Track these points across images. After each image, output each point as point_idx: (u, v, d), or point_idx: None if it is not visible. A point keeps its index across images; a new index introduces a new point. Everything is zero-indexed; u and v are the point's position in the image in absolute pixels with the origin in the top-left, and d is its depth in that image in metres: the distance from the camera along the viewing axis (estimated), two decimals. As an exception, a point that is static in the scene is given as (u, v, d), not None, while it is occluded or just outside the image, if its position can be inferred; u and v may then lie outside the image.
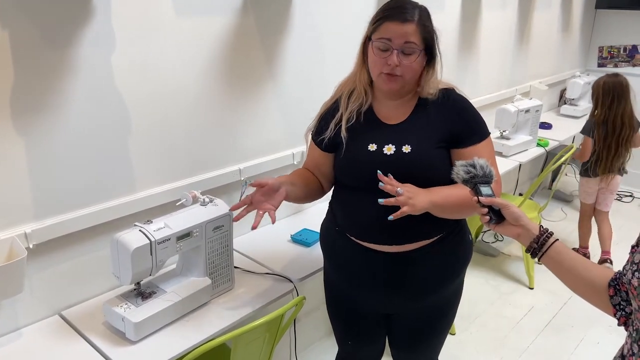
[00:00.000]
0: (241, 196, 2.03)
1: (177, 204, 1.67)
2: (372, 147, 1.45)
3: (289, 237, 2.05)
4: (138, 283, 1.57)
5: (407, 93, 1.47)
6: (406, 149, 1.42)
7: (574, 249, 3.56)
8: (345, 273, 1.59)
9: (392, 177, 1.33)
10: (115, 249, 1.47)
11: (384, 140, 1.45)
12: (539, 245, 1.12)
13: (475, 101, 3.35)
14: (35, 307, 1.58)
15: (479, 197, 1.18)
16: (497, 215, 1.17)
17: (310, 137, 1.62)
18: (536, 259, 1.14)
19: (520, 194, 3.98)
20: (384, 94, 1.48)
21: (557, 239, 1.12)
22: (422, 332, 1.64)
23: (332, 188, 1.63)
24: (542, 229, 1.14)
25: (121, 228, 1.54)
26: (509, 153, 3.17)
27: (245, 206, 1.47)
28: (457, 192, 1.35)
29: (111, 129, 1.62)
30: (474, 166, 1.21)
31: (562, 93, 4.42)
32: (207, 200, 1.67)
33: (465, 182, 1.22)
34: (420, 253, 1.47)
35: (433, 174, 1.40)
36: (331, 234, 1.60)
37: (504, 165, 3.02)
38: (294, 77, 2.13)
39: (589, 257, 3.48)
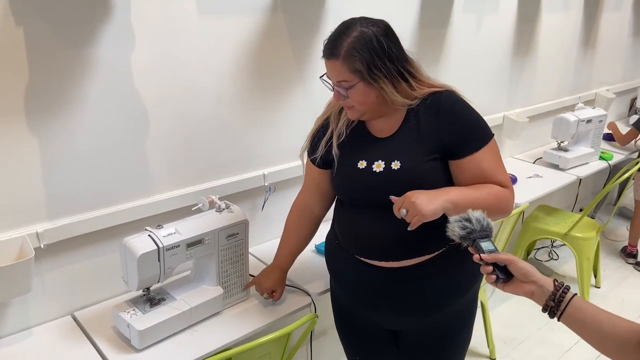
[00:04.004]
0: (264, 203, 1.98)
1: (193, 209, 1.62)
2: (362, 164, 1.38)
3: (312, 247, 1.96)
4: (148, 288, 1.52)
5: (383, 110, 1.36)
6: (395, 165, 1.33)
7: (624, 247, 3.44)
8: (348, 288, 1.52)
9: (393, 197, 1.27)
10: (123, 254, 1.43)
11: (373, 156, 1.37)
12: (556, 303, 0.98)
13: (531, 109, 3.14)
14: (48, 306, 1.57)
15: (481, 255, 1.06)
16: (504, 273, 1.05)
17: (305, 156, 1.57)
18: (555, 319, 1.00)
19: (581, 210, 3.69)
20: None
21: (575, 294, 0.99)
22: (432, 352, 1.53)
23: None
24: (556, 283, 1.01)
25: (136, 231, 1.50)
26: (567, 166, 2.93)
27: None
28: (479, 191, 1.27)
29: (129, 130, 1.59)
30: (469, 220, 1.09)
31: (633, 102, 4.08)
32: (223, 206, 1.60)
33: (462, 239, 1.10)
34: (420, 268, 1.38)
35: (425, 189, 1.27)
36: (334, 248, 1.54)
37: (560, 180, 2.79)
38: (326, 80, 2.03)
39: (636, 255, 3.36)
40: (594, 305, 0.98)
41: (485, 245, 1.07)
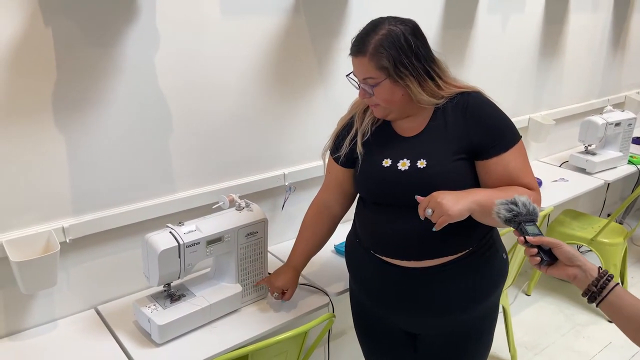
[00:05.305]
0: (284, 202, 1.99)
1: (213, 207, 1.64)
2: (387, 162, 1.37)
3: (332, 247, 1.96)
4: (168, 284, 1.55)
5: (409, 110, 1.36)
6: (421, 164, 1.32)
7: None
8: (367, 287, 1.51)
9: (419, 197, 1.27)
10: (145, 250, 1.46)
11: (399, 155, 1.36)
12: (599, 289, 1.00)
13: (558, 111, 3.08)
14: (72, 300, 1.61)
15: (526, 237, 1.07)
16: (548, 256, 1.06)
17: (327, 155, 1.58)
18: (594, 304, 1.01)
19: (609, 215, 3.61)
20: None
21: (618, 283, 1.00)
22: (451, 357, 1.51)
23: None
24: (601, 270, 1.02)
25: (158, 228, 1.53)
26: (594, 170, 2.86)
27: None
28: (506, 193, 1.24)
29: (152, 128, 1.62)
30: (515, 204, 1.10)
31: (665, 105, 3.96)
32: (243, 204, 1.62)
33: (507, 221, 1.11)
34: (441, 270, 1.37)
35: (451, 189, 1.27)
36: (354, 247, 1.54)
37: (586, 184, 2.73)
38: (347, 82, 2.03)
39: None
40: (634, 296, 1.00)
41: (530, 228, 1.08)
